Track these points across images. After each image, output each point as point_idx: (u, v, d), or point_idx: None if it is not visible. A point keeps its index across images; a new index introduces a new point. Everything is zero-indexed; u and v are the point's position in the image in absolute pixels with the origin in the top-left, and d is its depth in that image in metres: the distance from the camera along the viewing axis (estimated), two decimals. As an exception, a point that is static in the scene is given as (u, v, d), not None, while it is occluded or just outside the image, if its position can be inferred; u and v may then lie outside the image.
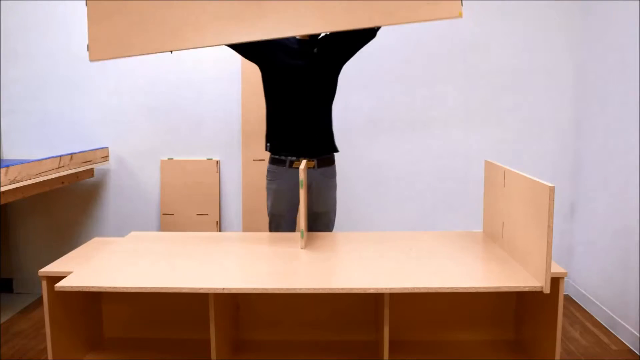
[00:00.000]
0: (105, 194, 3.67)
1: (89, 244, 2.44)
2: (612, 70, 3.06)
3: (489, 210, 2.40)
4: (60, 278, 1.90)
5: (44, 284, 2.01)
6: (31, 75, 3.56)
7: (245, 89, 3.41)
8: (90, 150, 3.37)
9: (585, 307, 3.32)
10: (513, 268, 1.97)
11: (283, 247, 2.25)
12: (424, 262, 2.06)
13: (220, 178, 3.62)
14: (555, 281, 1.90)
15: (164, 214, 3.59)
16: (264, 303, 2.36)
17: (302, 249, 2.22)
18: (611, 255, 3.03)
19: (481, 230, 2.50)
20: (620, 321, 2.91)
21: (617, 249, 2.97)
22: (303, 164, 2.27)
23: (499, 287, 1.84)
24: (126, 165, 3.64)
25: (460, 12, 2.04)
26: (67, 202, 3.66)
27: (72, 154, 3.15)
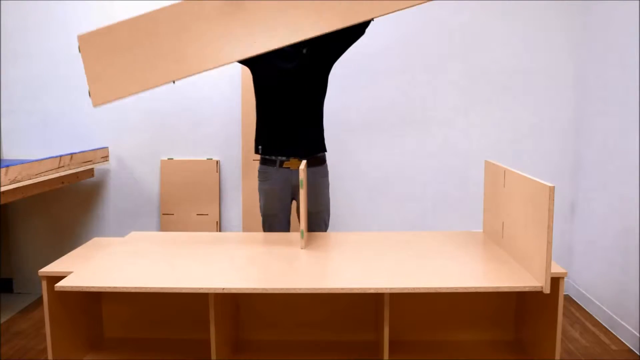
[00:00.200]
0: (105, 194, 3.67)
1: (89, 244, 2.44)
2: (612, 70, 3.06)
3: (489, 210, 2.40)
4: (60, 278, 1.90)
5: (44, 284, 2.01)
6: (31, 75, 3.56)
7: (245, 89, 3.40)
8: (90, 150, 3.37)
9: (585, 307, 3.32)
10: (513, 268, 1.97)
11: (283, 248, 2.25)
12: (424, 262, 2.06)
13: (220, 178, 3.62)
14: (555, 281, 1.90)
15: (164, 214, 3.59)
16: (264, 303, 2.36)
17: (302, 249, 2.22)
18: (611, 255, 3.03)
19: (481, 230, 2.50)
20: (620, 321, 2.91)
21: (617, 249, 2.96)
22: (303, 164, 2.27)
23: (499, 287, 1.84)
24: (126, 165, 3.64)
25: None
26: (67, 202, 3.66)
27: (72, 154, 3.15)
